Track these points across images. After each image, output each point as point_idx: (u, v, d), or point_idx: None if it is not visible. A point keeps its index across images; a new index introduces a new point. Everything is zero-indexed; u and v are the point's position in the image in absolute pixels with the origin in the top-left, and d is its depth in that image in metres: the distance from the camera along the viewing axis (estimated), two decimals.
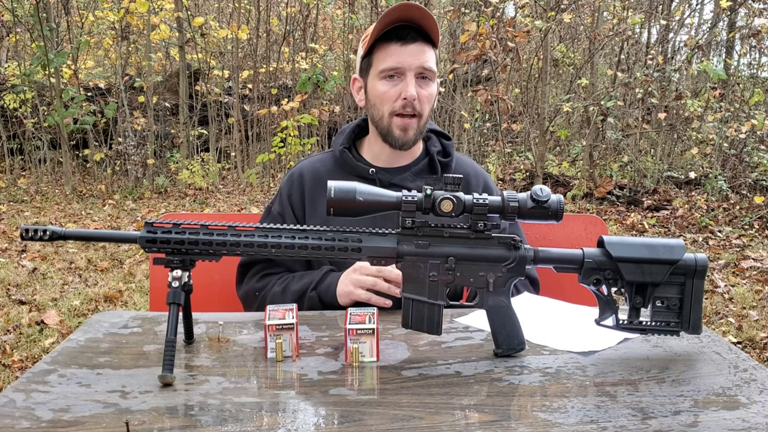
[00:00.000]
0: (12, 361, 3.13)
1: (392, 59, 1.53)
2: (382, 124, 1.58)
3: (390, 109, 1.55)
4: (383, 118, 1.57)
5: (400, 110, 1.54)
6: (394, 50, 1.52)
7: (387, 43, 1.53)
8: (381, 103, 1.56)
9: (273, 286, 1.59)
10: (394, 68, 1.53)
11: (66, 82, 7.79)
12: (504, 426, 0.95)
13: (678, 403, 1.02)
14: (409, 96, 1.52)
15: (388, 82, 1.54)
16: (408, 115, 1.55)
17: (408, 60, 1.52)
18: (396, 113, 1.55)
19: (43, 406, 1.00)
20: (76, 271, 4.64)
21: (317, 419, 0.98)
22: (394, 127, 1.56)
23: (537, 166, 7.13)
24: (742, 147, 7.30)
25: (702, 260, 1.19)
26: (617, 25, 8.17)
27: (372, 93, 1.58)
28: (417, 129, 1.58)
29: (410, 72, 1.53)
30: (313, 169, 1.66)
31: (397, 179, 1.60)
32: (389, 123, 1.56)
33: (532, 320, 1.33)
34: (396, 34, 1.52)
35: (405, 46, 1.52)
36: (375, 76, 1.56)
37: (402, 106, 1.54)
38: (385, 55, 1.54)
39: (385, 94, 1.55)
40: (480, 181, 1.69)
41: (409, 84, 1.52)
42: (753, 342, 3.47)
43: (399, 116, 1.55)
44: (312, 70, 7.69)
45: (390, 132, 1.57)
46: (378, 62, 1.55)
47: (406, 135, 1.57)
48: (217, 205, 6.94)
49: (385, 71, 1.54)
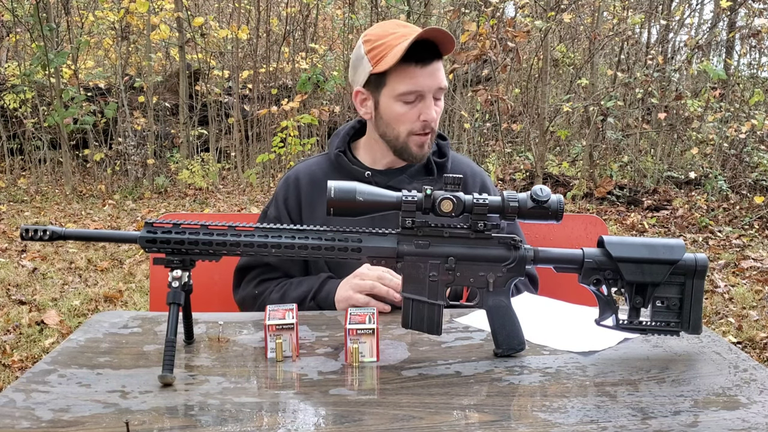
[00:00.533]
0: (12, 361, 3.13)
1: (413, 83, 1.49)
2: (397, 143, 1.57)
3: (408, 129, 1.54)
4: (399, 137, 1.56)
5: (419, 131, 1.54)
6: (415, 73, 1.48)
7: (406, 65, 1.48)
8: (398, 125, 1.54)
9: (271, 293, 1.58)
10: (416, 92, 1.50)
11: (66, 82, 7.79)
12: (504, 426, 0.95)
13: (678, 403, 1.02)
14: (429, 118, 1.52)
15: (406, 104, 1.52)
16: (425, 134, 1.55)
17: (428, 83, 1.50)
18: (414, 134, 1.54)
19: (43, 406, 1.00)
20: (76, 271, 4.64)
21: (317, 419, 0.98)
22: (412, 145, 1.56)
23: (537, 166, 7.13)
24: (742, 147, 7.30)
25: (702, 260, 1.19)
26: (617, 25, 8.17)
27: (387, 113, 1.55)
28: (431, 142, 1.59)
29: (429, 94, 1.51)
30: (309, 173, 1.66)
31: (394, 182, 1.60)
32: (406, 141, 1.56)
33: (532, 320, 1.33)
34: (415, 55, 1.47)
35: (425, 68, 1.49)
36: (391, 97, 1.52)
37: (422, 128, 1.53)
38: (405, 77, 1.49)
39: (404, 116, 1.53)
40: (477, 180, 1.69)
41: (429, 107, 1.51)
42: (753, 342, 3.47)
43: (416, 135, 1.55)
44: (312, 70, 7.69)
45: (407, 149, 1.57)
46: (396, 84, 1.50)
47: (422, 151, 1.57)
48: (217, 205, 6.94)
49: (405, 94, 1.50)
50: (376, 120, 1.58)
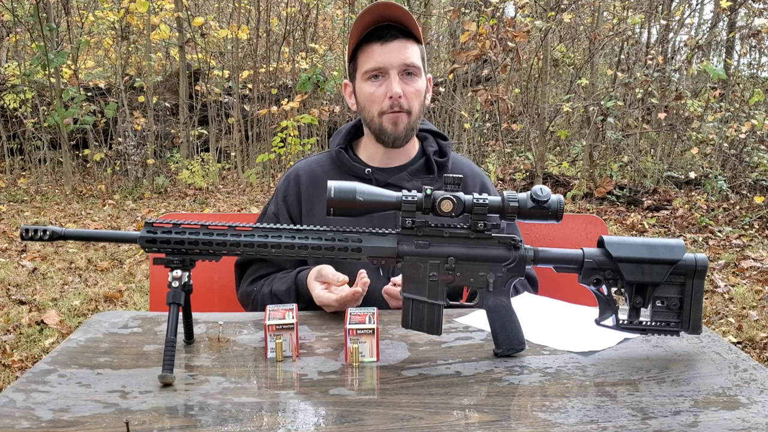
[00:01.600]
0: (12, 361, 3.13)
1: (374, 60, 1.54)
2: (373, 125, 1.59)
3: (378, 109, 1.56)
4: (373, 119, 1.58)
5: (388, 110, 1.55)
6: (375, 50, 1.54)
7: (368, 45, 1.55)
8: (369, 105, 1.57)
9: (261, 287, 1.60)
10: (377, 68, 1.54)
11: (66, 82, 7.79)
12: (504, 426, 0.95)
13: (678, 403, 1.02)
14: (394, 94, 1.53)
15: (373, 83, 1.56)
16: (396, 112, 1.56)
17: (389, 58, 1.53)
18: (384, 113, 1.56)
19: (43, 406, 1.00)
20: (76, 271, 4.64)
21: (317, 419, 0.98)
22: (386, 123, 1.57)
23: (537, 166, 7.13)
24: (742, 147, 7.30)
25: (702, 260, 1.19)
26: (617, 25, 8.17)
27: (360, 95, 1.60)
28: (408, 124, 1.58)
29: (393, 70, 1.54)
30: (309, 170, 1.67)
31: (394, 179, 1.60)
32: (379, 122, 1.57)
33: (532, 320, 1.33)
34: (376, 34, 1.53)
35: (385, 45, 1.53)
36: (361, 79, 1.58)
37: (389, 106, 1.55)
38: (367, 56, 1.55)
39: (372, 95, 1.56)
40: (477, 181, 1.69)
41: (393, 82, 1.54)
42: (753, 342, 3.47)
43: (387, 114, 1.56)
44: (312, 70, 7.69)
45: (382, 129, 1.58)
46: (361, 64, 1.57)
47: (396, 129, 1.57)
48: (217, 205, 6.94)
49: (368, 72, 1.55)
50: (359, 109, 1.63)
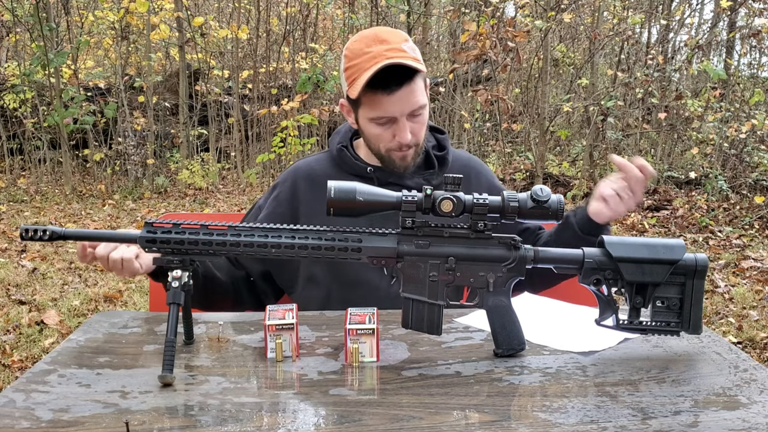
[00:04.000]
0: (12, 361, 3.13)
1: (381, 109, 1.48)
2: (379, 156, 1.57)
3: (385, 147, 1.54)
4: (380, 152, 1.56)
5: (396, 149, 1.53)
6: (382, 100, 1.47)
7: (373, 93, 1.46)
8: (376, 143, 1.55)
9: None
10: (384, 117, 1.50)
11: (66, 82, 7.79)
12: (504, 426, 0.95)
13: (678, 403, 1.02)
14: (404, 141, 1.51)
15: (379, 126, 1.52)
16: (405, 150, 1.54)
17: (397, 108, 1.48)
18: (392, 150, 1.54)
19: (43, 406, 1.00)
20: (76, 271, 4.64)
21: (317, 419, 0.98)
22: (394, 158, 1.55)
23: (537, 166, 7.13)
24: (742, 147, 7.30)
25: (702, 260, 1.19)
26: (617, 25, 8.17)
27: (365, 131, 1.56)
28: (415, 153, 1.57)
29: (402, 117, 1.49)
30: (308, 169, 1.66)
31: (395, 177, 1.60)
32: (387, 156, 1.56)
33: (532, 320, 1.33)
34: (381, 82, 1.45)
35: (392, 95, 1.46)
36: (366, 118, 1.53)
37: (398, 147, 1.53)
38: (373, 104, 1.48)
39: (380, 137, 1.53)
40: (481, 173, 1.69)
41: (403, 130, 1.50)
42: (753, 342, 3.47)
43: (395, 152, 1.54)
44: (312, 70, 7.68)
45: (390, 161, 1.56)
46: (366, 110, 1.51)
47: (405, 162, 1.56)
48: (217, 205, 6.94)
49: (375, 119, 1.51)
50: (360, 131, 1.60)
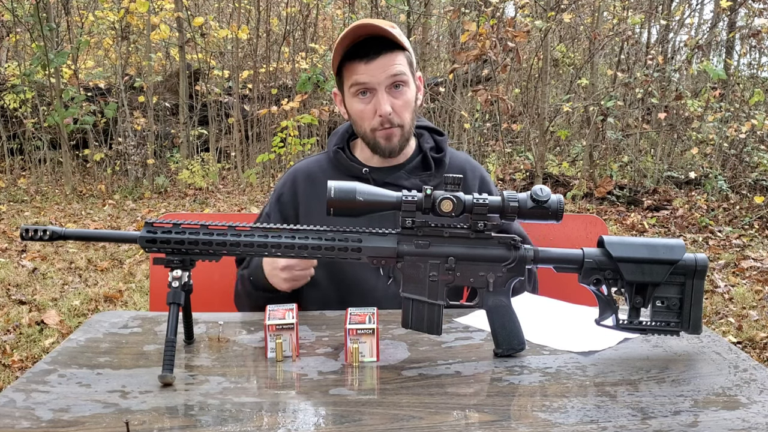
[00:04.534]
0: (12, 361, 3.13)
1: (359, 77, 1.53)
2: (367, 140, 1.60)
3: (369, 126, 1.56)
4: (366, 134, 1.58)
5: (379, 127, 1.55)
6: (360, 68, 1.52)
7: (351, 62, 1.53)
8: (360, 121, 1.57)
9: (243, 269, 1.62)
10: (363, 85, 1.53)
11: (66, 82, 7.79)
12: (504, 426, 0.95)
13: (678, 403, 1.02)
14: (383, 113, 1.53)
15: (362, 100, 1.55)
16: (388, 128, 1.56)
17: (375, 76, 1.51)
18: (376, 129, 1.56)
19: (43, 406, 1.00)
20: (76, 271, 4.64)
21: (317, 419, 0.98)
22: (379, 138, 1.57)
23: (537, 166, 7.13)
24: (742, 147, 7.30)
25: (702, 260, 1.19)
26: (617, 25, 8.17)
27: (350, 110, 1.59)
28: (401, 136, 1.58)
29: (380, 86, 1.52)
30: (307, 170, 1.68)
31: (391, 178, 1.61)
32: (373, 137, 1.58)
33: (532, 320, 1.33)
34: (359, 51, 1.51)
35: (370, 63, 1.51)
36: (348, 93, 1.57)
37: (380, 123, 1.54)
38: (352, 73, 1.54)
39: (362, 113, 1.56)
40: (476, 174, 1.70)
41: (382, 101, 1.52)
42: (753, 342, 3.47)
43: (379, 131, 1.56)
44: (312, 70, 7.68)
45: (376, 144, 1.58)
46: (347, 80, 1.56)
47: (390, 143, 1.57)
48: (217, 205, 6.94)
49: (355, 90, 1.54)
50: (350, 119, 1.63)
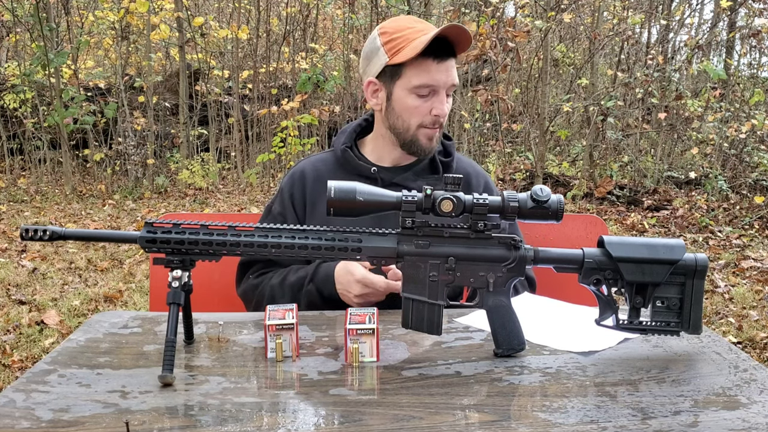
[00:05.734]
0: (12, 361, 3.13)
1: (429, 77, 1.51)
2: (405, 135, 1.58)
3: (419, 122, 1.55)
4: (409, 129, 1.57)
5: (429, 125, 1.55)
6: (431, 67, 1.50)
7: (423, 59, 1.50)
8: (409, 116, 1.55)
9: (271, 278, 1.59)
10: (430, 86, 1.52)
11: (66, 82, 7.79)
12: (504, 426, 0.95)
13: (678, 403, 1.02)
14: (441, 113, 1.54)
15: (419, 98, 1.53)
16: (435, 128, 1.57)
17: (443, 78, 1.52)
18: (424, 126, 1.56)
19: (43, 406, 1.00)
20: (76, 271, 4.64)
21: (317, 419, 0.98)
22: (421, 137, 1.57)
23: (537, 166, 7.13)
24: (742, 147, 7.30)
25: (702, 260, 1.19)
26: (617, 25, 8.16)
27: (399, 104, 1.56)
28: (439, 137, 1.61)
29: (443, 90, 1.53)
30: (314, 169, 1.67)
31: (399, 179, 1.61)
32: (415, 134, 1.57)
33: (532, 320, 1.33)
34: (432, 50, 1.49)
35: (441, 63, 1.51)
36: (405, 89, 1.54)
37: (432, 122, 1.55)
38: (421, 71, 1.50)
39: (417, 109, 1.54)
40: (481, 181, 1.70)
41: (442, 102, 1.54)
42: (753, 342, 3.47)
43: (426, 128, 1.56)
44: (312, 70, 7.69)
45: (416, 142, 1.57)
46: (412, 77, 1.52)
47: (431, 144, 1.59)
48: (217, 205, 6.94)
49: (420, 87, 1.52)
50: (386, 111, 1.59)
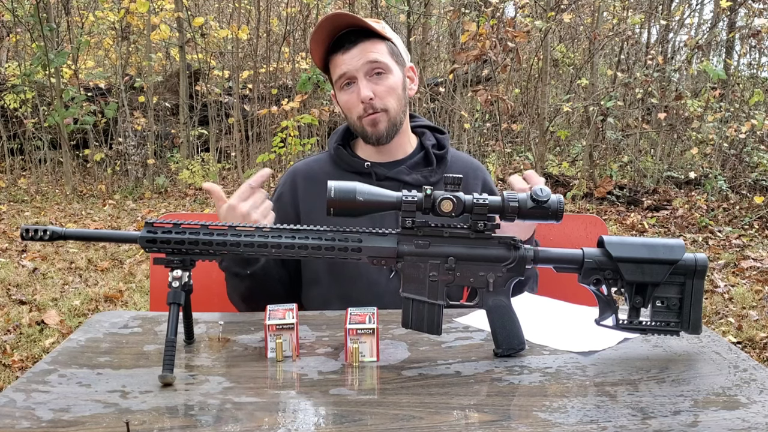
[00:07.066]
0: (12, 361, 3.14)
1: (339, 69, 1.58)
2: (357, 130, 1.64)
3: (356, 114, 1.60)
4: (355, 124, 1.63)
5: (363, 114, 1.58)
6: (338, 60, 1.58)
7: (333, 56, 1.59)
8: (348, 112, 1.62)
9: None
10: (344, 75, 1.58)
11: (66, 82, 7.79)
12: (504, 426, 0.95)
13: (678, 403, 1.02)
14: (364, 98, 1.56)
15: (347, 91, 1.59)
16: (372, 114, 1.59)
17: (353, 64, 1.56)
18: (362, 116, 1.59)
19: (43, 406, 1.00)
20: (76, 271, 4.64)
21: (317, 419, 0.98)
22: (366, 126, 1.60)
23: (537, 166, 7.13)
24: (742, 147, 7.30)
25: (702, 260, 1.19)
26: (617, 25, 8.17)
27: (340, 105, 1.64)
28: (388, 121, 1.60)
29: (359, 74, 1.57)
30: (307, 169, 1.70)
31: (393, 173, 1.63)
32: (360, 126, 1.61)
33: (532, 320, 1.33)
34: (336, 45, 1.57)
35: (346, 53, 1.56)
36: (336, 89, 1.63)
37: (364, 110, 1.58)
38: (335, 67, 1.59)
39: (348, 102, 1.60)
40: (479, 175, 1.71)
41: (362, 87, 1.56)
42: (753, 342, 3.47)
43: (365, 117, 1.59)
44: (312, 70, 7.68)
45: (364, 132, 1.62)
46: (333, 75, 1.61)
47: (377, 129, 1.60)
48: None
49: (338, 81, 1.60)
50: (342, 112, 1.66)
